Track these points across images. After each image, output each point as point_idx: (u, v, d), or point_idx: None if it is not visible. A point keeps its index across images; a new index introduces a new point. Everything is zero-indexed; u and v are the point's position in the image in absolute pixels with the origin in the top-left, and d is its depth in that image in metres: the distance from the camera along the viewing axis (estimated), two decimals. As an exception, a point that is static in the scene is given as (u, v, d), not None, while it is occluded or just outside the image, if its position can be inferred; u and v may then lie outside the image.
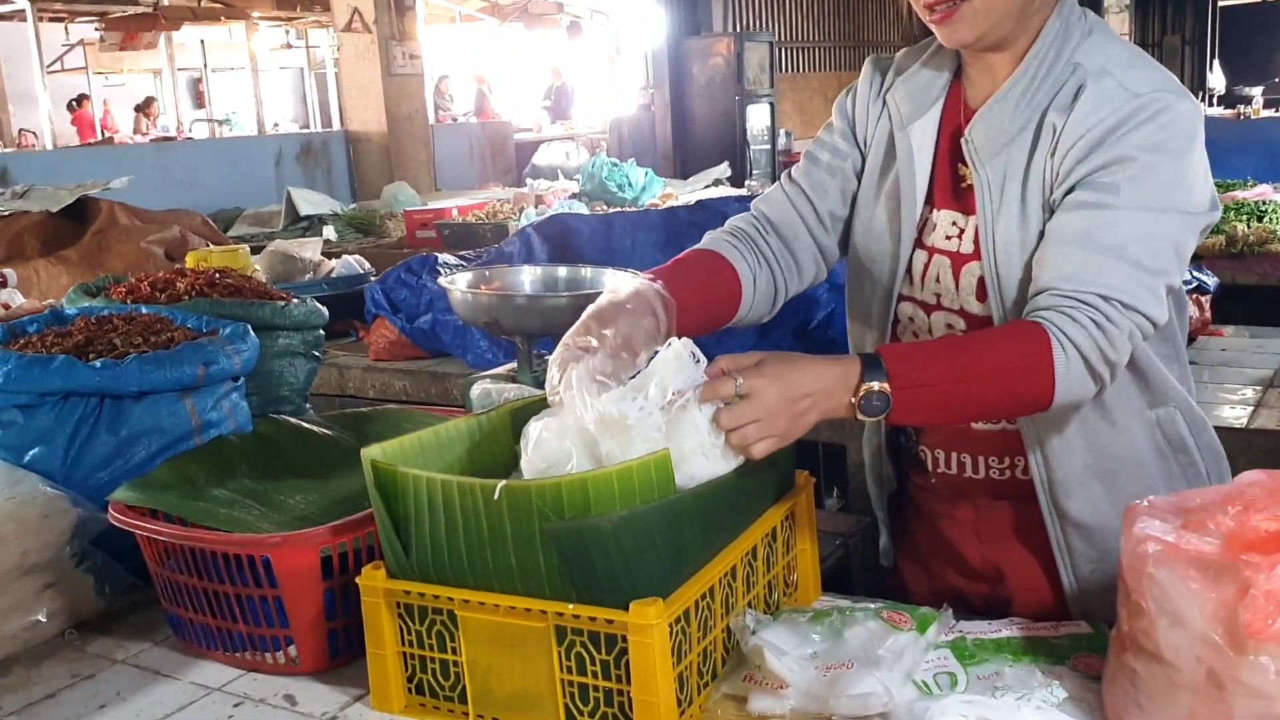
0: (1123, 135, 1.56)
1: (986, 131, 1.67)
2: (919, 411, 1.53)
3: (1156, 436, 1.72)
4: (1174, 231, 1.56)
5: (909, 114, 1.77)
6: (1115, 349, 1.51)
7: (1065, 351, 1.49)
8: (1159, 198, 1.55)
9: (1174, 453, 1.73)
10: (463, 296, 2.23)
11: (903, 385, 1.48)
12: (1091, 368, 1.50)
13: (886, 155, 1.81)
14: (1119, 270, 1.51)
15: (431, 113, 11.92)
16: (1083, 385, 1.52)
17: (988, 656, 1.48)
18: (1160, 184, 1.55)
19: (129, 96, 18.49)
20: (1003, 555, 1.82)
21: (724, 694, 1.46)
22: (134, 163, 8.61)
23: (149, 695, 1.62)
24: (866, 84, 1.87)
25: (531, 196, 7.18)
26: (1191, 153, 1.58)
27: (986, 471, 1.79)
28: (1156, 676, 1.25)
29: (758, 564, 1.58)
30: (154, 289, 2.48)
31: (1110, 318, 1.50)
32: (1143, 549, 1.26)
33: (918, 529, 1.95)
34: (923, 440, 1.86)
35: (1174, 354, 1.74)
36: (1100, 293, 1.50)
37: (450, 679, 1.48)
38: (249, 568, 1.61)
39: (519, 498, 1.35)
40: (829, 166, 1.88)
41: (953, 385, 1.51)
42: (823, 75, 16.52)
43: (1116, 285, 1.51)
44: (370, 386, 3.69)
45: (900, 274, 1.77)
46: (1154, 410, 1.71)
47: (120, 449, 1.96)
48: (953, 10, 1.62)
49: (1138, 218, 1.54)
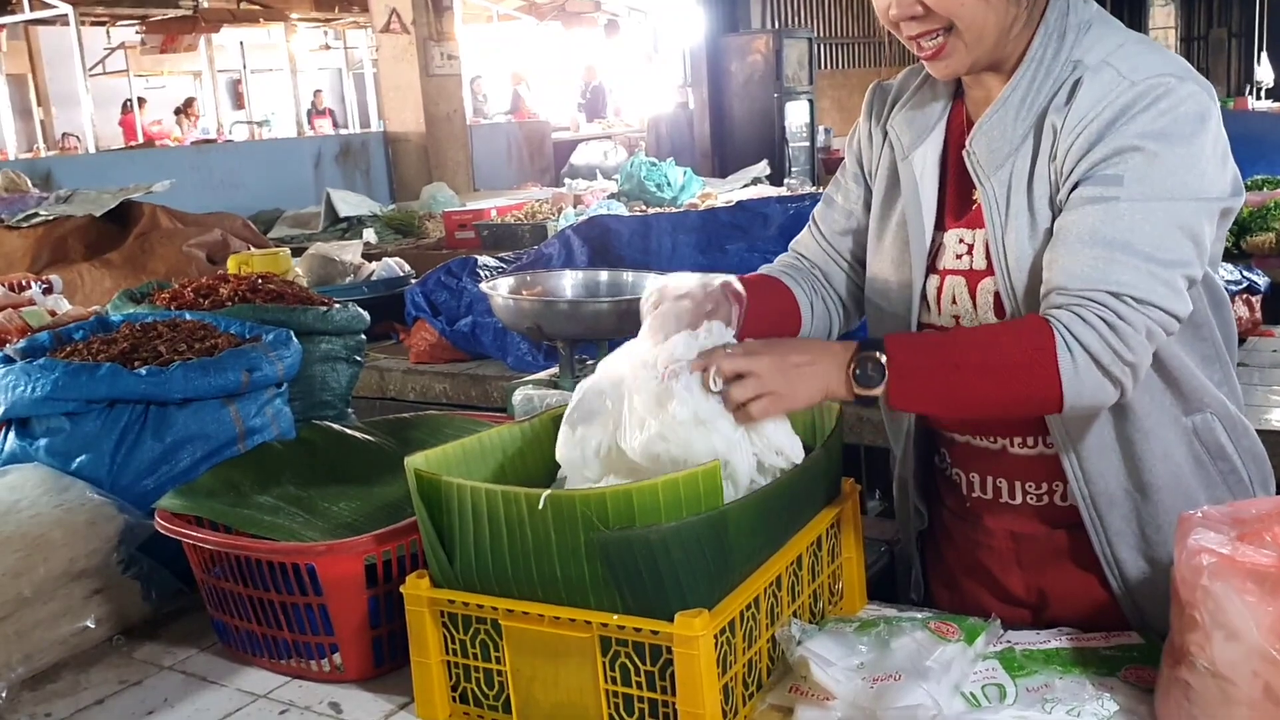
0: (1123, 125, 1.51)
1: (988, 143, 1.63)
2: (914, 393, 1.51)
3: (1194, 445, 1.66)
4: (1187, 219, 1.49)
5: (910, 142, 1.74)
6: (1130, 349, 1.45)
7: (1072, 352, 1.44)
8: (1166, 185, 1.49)
9: (1213, 460, 1.67)
10: (504, 302, 2.23)
11: (898, 362, 1.46)
12: (1105, 369, 1.45)
13: (890, 186, 1.79)
14: (1128, 265, 1.46)
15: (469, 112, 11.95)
16: (1098, 388, 1.46)
17: (1037, 668, 1.46)
18: (1166, 171, 1.49)
19: (169, 99, 18.64)
20: (1048, 581, 1.76)
21: (769, 705, 1.45)
22: (174, 165, 8.67)
23: (196, 702, 1.63)
24: (867, 115, 1.86)
25: (570, 196, 7.18)
26: (1201, 136, 1.52)
27: (1024, 497, 1.74)
28: (1211, 691, 1.23)
29: (803, 573, 1.57)
30: (197, 295, 2.50)
31: (1123, 315, 1.44)
32: (1197, 561, 1.24)
33: (951, 557, 1.90)
34: (956, 463, 1.82)
35: (1213, 354, 1.68)
36: (1110, 290, 1.45)
37: (494, 688, 1.48)
38: (294, 575, 1.62)
39: (564, 507, 1.35)
40: (844, 211, 1.89)
41: (949, 371, 1.49)
42: (862, 71, 16.46)
43: (1127, 281, 1.45)
44: (411, 389, 3.70)
45: (916, 303, 1.74)
46: (1189, 418, 1.65)
47: (165, 455, 1.97)
48: (941, 46, 1.61)
49: (1145, 208, 1.48)
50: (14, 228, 5.22)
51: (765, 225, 3.44)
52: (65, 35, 12.61)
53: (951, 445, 1.82)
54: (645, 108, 14.95)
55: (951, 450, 1.82)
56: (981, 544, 1.83)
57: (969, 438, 1.78)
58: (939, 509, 1.91)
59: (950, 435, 1.81)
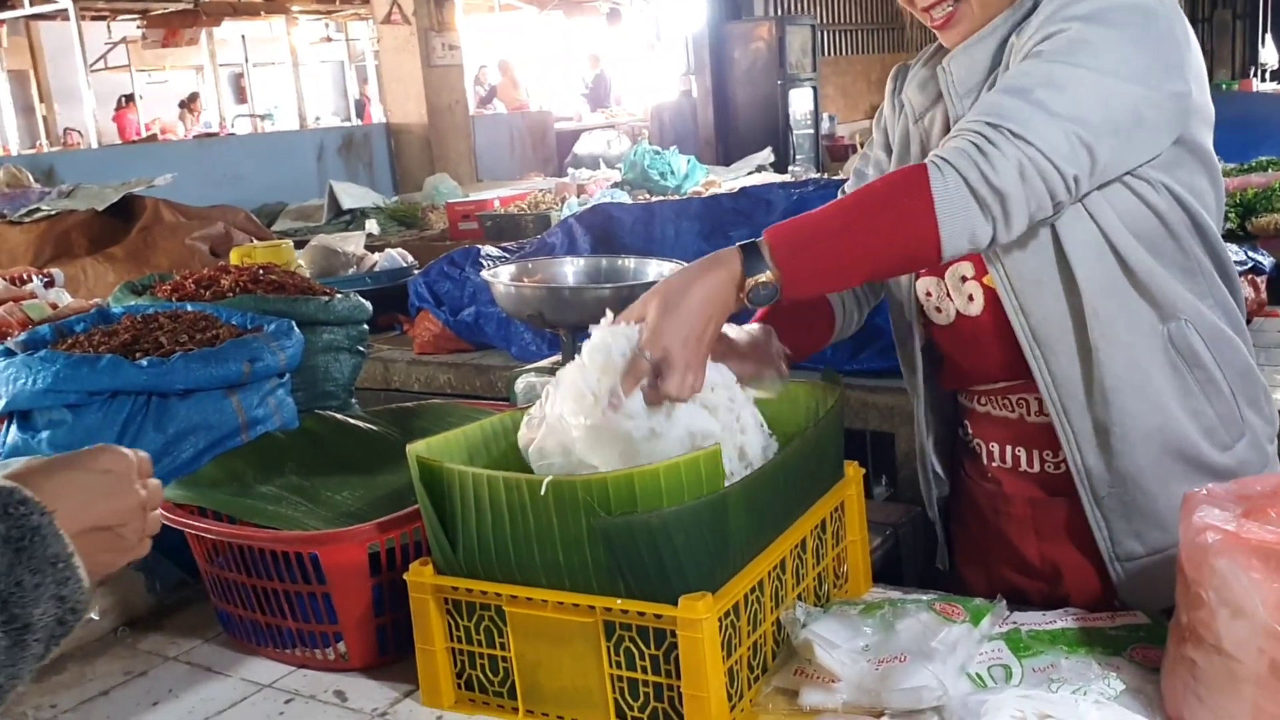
0: (1056, 13, 1.52)
1: (966, 64, 1.66)
2: (808, 282, 1.49)
3: (1170, 352, 1.64)
4: (1104, 92, 1.47)
5: (921, 105, 1.78)
6: (998, 173, 1.42)
7: (942, 172, 1.43)
8: (1083, 58, 1.48)
9: (1189, 368, 1.65)
10: (506, 289, 2.23)
11: (785, 260, 1.45)
12: (972, 189, 1.42)
13: (903, 150, 1.83)
14: (1014, 104, 1.45)
15: (472, 103, 11.94)
16: (966, 210, 1.43)
17: (1043, 648, 1.45)
18: (1088, 47, 1.48)
19: (172, 93, 18.63)
20: (1060, 553, 1.79)
21: (775, 688, 1.44)
22: (177, 159, 8.68)
23: (201, 692, 1.63)
24: (889, 90, 1.90)
25: (573, 186, 7.17)
26: (1139, 27, 1.50)
27: (1041, 465, 1.77)
28: (1217, 669, 1.22)
29: (807, 556, 1.57)
30: (198, 286, 2.49)
31: (992, 140, 1.43)
32: (1202, 539, 1.23)
33: (975, 526, 1.92)
34: (976, 433, 1.86)
35: (1195, 268, 1.65)
36: (989, 120, 1.45)
37: (499, 674, 1.47)
38: (297, 564, 1.62)
39: (566, 493, 1.34)
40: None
41: (833, 240, 1.48)
42: (866, 58, 16.40)
43: (1007, 114, 1.45)
44: (415, 380, 3.70)
45: None
46: (1165, 324, 1.63)
47: (168, 446, 1.97)
48: (952, 13, 1.65)
49: (1050, 68, 1.48)
50: (17, 223, 5.23)
51: (769, 212, 3.43)
52: (66, 30, 12.59)
53: (974, 416, 1.86)
54: (648, 96, 14.93)
55: (973, 421, 1.86)
56: (1001, 511, 1.85)
57: (989, 408, 1.81)
58: (961, 478, 1.94)
59: (971, 406, 1.85)
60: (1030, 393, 1.73)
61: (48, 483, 1.05)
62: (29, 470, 1.09)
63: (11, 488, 1.00)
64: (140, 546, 1.16)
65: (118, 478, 1.13)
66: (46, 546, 0.99)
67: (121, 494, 1.13)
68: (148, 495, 1.17)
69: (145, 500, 1.16)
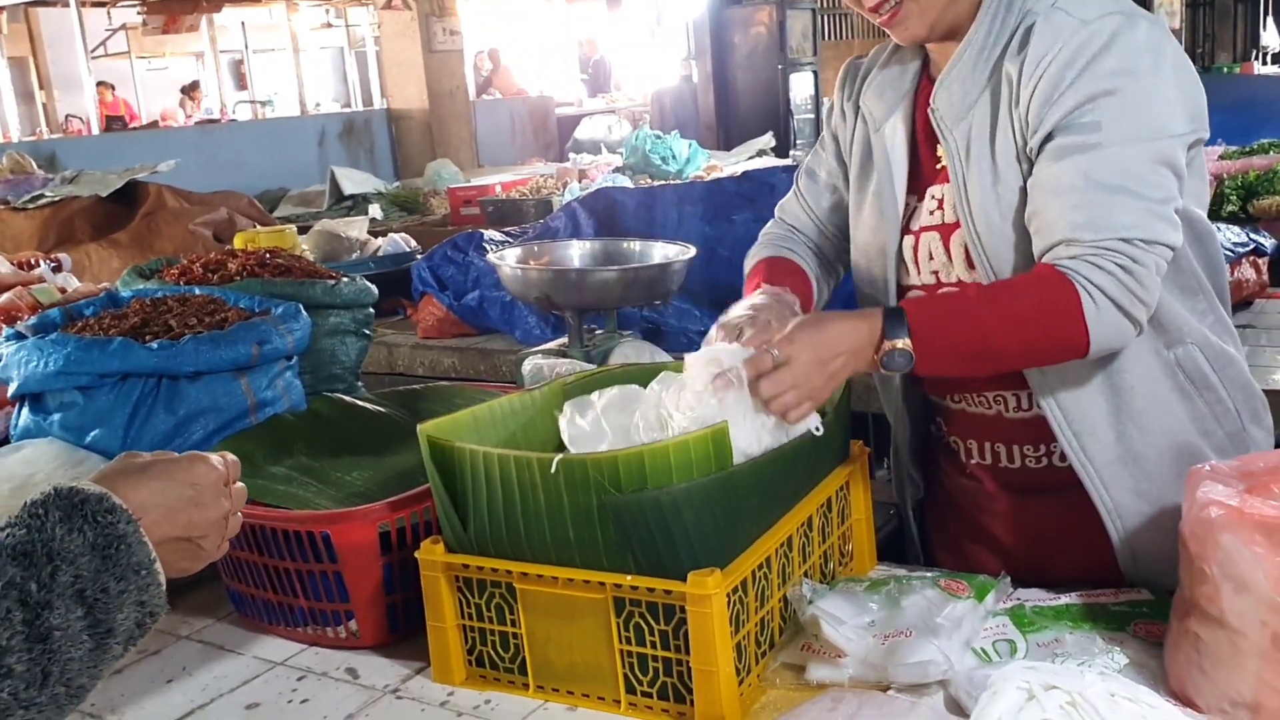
0: (1084, 69, 1.53)
1: (949, 97, 1.66)
2: (942, 365, 1.55)
3: (1178, 377, 1.66)
4: (1166, 154, 1.53)
5: (881, 115, 1.78)
6: (1145, 288, 1.49)
7: (1095, 300, 1.47)
8: (1143, 124, 1.52)
9: (1198, 391, 1.67)
10: (513, 272, 2.24)
11: (924, 339, 1.49)
12: (1125, 311, 1.49)
13: (864, 159, 1.83)
14: (1129, 207, 1.49)
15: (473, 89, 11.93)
16: (1119, 330, 1.51)
17: (1047, 624, 1.47)
18: (1139, 110, 1.52)
19: (172, 80, 18.60)
20: (1050, 543, 1.78)
21: (782, 663, 1.46)
22: (179, 146, 8.66)
23: (214, 670, 1.65)
24: (840, 91, 1.90)
25: (575, 171, 7.16)
26: (1161, 69, 1.55)
27: (1022, 460, 1.76)
28: (1221, 642, 1.24)
29: (813, 534, 1.58)
30: (206, 270, 2.50)
31: (1135, 258, 1.48)
32: (1206, 514, 1.25)
33: (954, 522, 1.92)
34: (953, 431, 1.84)
35: (1194, 285, 1.68)
36: (1120, 235, 1.48)
37: (510, 651, 1.49)
38: (309, 544, 1.63)
39: (576, 471, 1.36)
40: (826, 184, 1.95)
41: (977, 342, 1.52)
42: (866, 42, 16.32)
43: (1132, 224, 1.49)
44: (419, 364, 3.71)
45: (894, 265, 1.77)
46: (1171, 350, 1.66)
47: (178, 428, 1.98)
48: (897, 10, 1.65)
49: (1129, 149, 1.51)
50: (20, 209, 5.23)
51: (772, 195, 3.43)
52: (66, 17, 12.57)
53: (948, 414, 1.84)
54: (649, 81, 14.90)
55: (948, 419, 1.84)
56: (984, 508, 1.85)
57: (964, 405, 1.79)
58: (938, 475, 1.93)
59: (945, 404, 1.83)
60: (1009, 389, 1.72)
61: (137, 492, 1.08)
62: (120, 472, 1.12)
63: (101, 494, 1.03)
64: (218, 553, 1.19)
65: (204, 490, 1.15)
66: (131, 554, 1.02)
67: (206, 508, 1.15)
68: (232, 503, 1.20)
69: (229, 509, 1.19)
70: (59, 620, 0.95)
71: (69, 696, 0.96)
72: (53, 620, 0.94)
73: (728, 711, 1.35)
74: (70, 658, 0.96)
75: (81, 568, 0.98)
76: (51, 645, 0.94)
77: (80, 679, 0.97)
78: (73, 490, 1.02)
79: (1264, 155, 4.70)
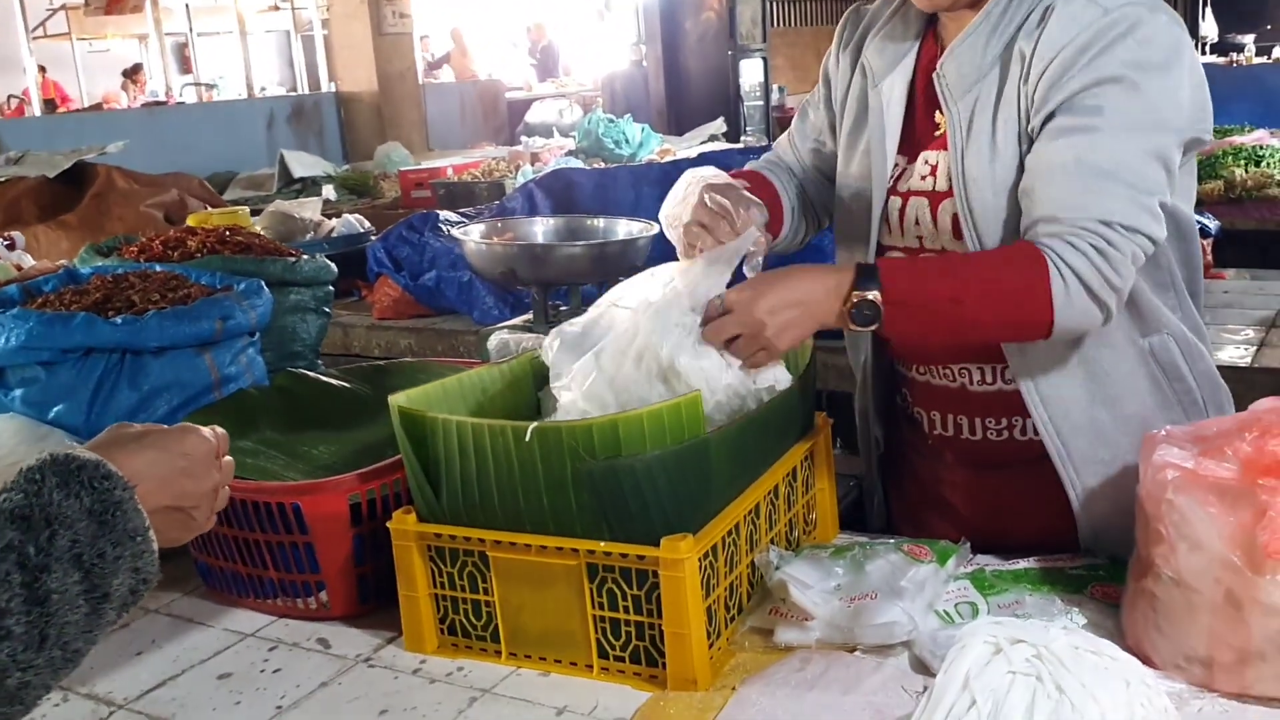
0: (1097, 55, 1.54)
1: (959, 67, 1.67)
2: (909, 328, 1.55)
3: (1151, 366, 1.70)
4: (1162, 149, 1.54)
5: (881, 70, 1.78)
6: (1119, 274, 1.50)
7: (1065, 279, 1.48)
8: (1145, 116, 1.53)
9: (1169, 381, 1.72)
10: (477, 247, 2.25)
11: (895, 299, 1.50)
12: (1095, 294, 1.50)
13: (859, 113, 1.83)
14: (1115, 194, 1.51)
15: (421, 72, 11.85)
16: (1086, 313, 1.51)
17: (1007, 586, 1.51)
18: (1144, 102, 1.53)
19: (114, 62, 18.32)
20: (1008, 515, 1.80)
21: (751, 627, 1.49)
22: (125, 128, 8.53)
23: (184, 642, 1.65)
24: (839, 40, 1.90)
25: (527, 154, 7.15)
26: (1176, 67, 1.56)
27: (984, 433, 1.79)
28: (1176, 600, 1.28)
29: (779, 502, 1.61)
30: (166, 247, 2.49)
31: (1112, 242, 1.49)
32: (1162, 476, 1.29)
33: (914, 490, 1.95)
34: (916, 402, 1.86)
35: (1167, 281, 1.72)
36: (1101, 218, 1.50)
37: (482, 619, 1.51)
38: (279, 515, 1.64)
39: (550, 439, 1.38)
40: (815, 129, 1.96)
41: (946, 305, 1.53)
42: (815, 29, 16.41)
43: (1115, 209, 1.50)
44: (375, 345, 3.70)
45: (877, 224, 1.78)
46: (1146, 339, 1.70)
47: (142, 404, 1.98)
48: None
49: (1126, 139, 1.53)
50: (-35, 190, 5.15)
51: (728, 176, 3.46)
52: (6, -4, 12.36)
53: (913, 385, 1.86)
54: (598, 66, 14.86)
55: (912, 390, 1.87)
56: (944, 479, 1.88)
57: (929, 377, 1.82)
58: (901, 445, 1.96)
59: (909, 375, 1.86)
60: (974, 362, 1.75)
61: (132, 461, 1.09)
62: (114, 441, 1.13)
63: (97, 461, 1.04)
64: (207, 524, 1.20)
65: (197, 462, 1.17)
66: (128, 520, 1.03)
67: (199, 478, 1.17)
68: (221, 475, 1.21)
69: (219, 481, 1.21)
70: (57, 584, 0.96)
71: (65, 660, 0.97)
72: (50, 584, 0.95)
73: (699, 674, 1.38)
74: (67, 621, 0.97)
75: (79, 532, 0.99)
76: (49, 608, 0.95)
77: (76, 643, 0.98)
78: (69, 457, 1.03)
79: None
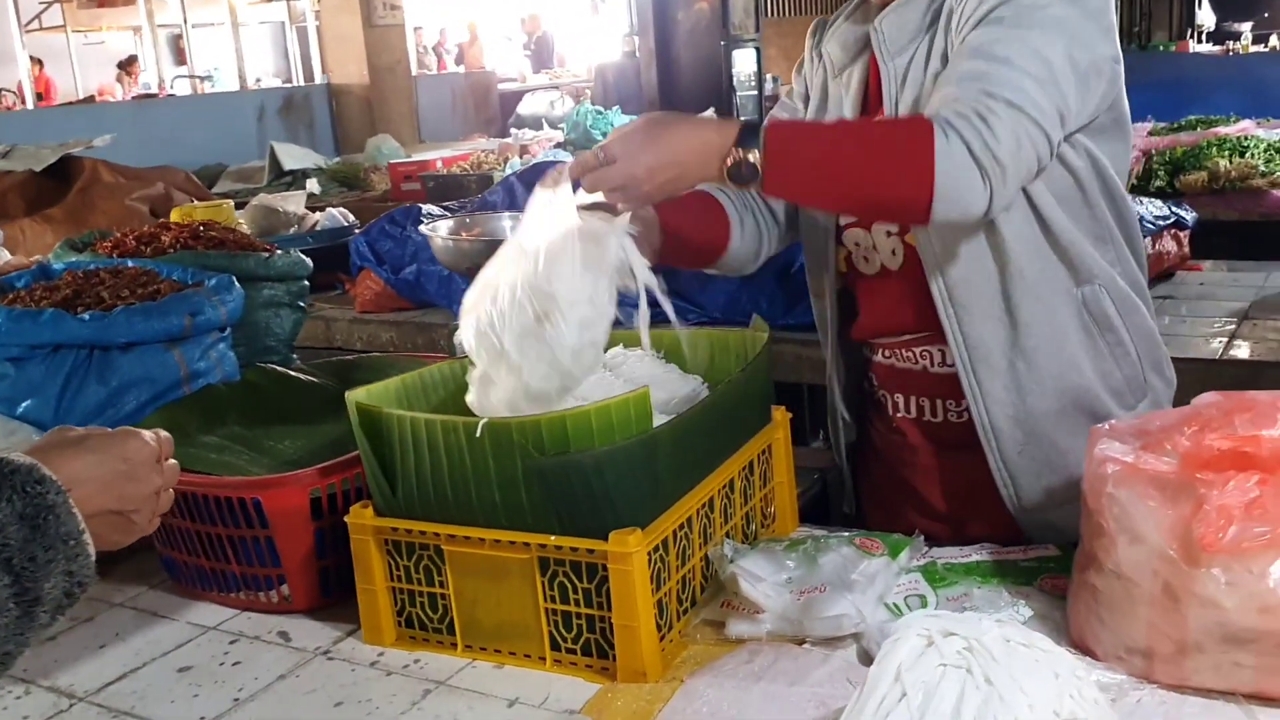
0: None
1: (898, 22, 1.71)
2: (790, 186, 1.54)
3: (1083, 315, 1.72)
4: (1072, 52, 1.54)
5: (840, 62, 1.84)
6: (999, 141, 1.45)
7: (946, 136, 1.45)
8: (1049, 23, 1.54)
9: (1101, 332, 1.73)
10: (444, 243, 2.26)
11: (775, 154, 1.48)
12: (975, 156, 1.45)
13: (821, 102, 1.88)
14: (1006, 74, 1.50)
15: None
16: (965, 176, 1.45)
17: (957, 579, 1.53)
18: (1049, 15, 1.54)
19: (109, 54, 18.30)
20: (966, 501, 1.85)
21: (703, 619, 1.51)
22: (116, 121, 8.56)
23: (147, 635, 1.67)
24: (810, 39, 1.95)
25: (516, 147, 7.17)
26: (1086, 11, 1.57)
27: (945, 414, 1.83)
28: (1116, 592, 1.30)
29: (735, 496, 1.63)
30: (139, 243, 2.51)
31: (993, 109, 1.47)
32: (1103, 470, 1.30)
33: (880, 474, 1.99)
34: (881, 384, 1.91)
35: (1106, 235, 1.73)
36: (985, 89, 1.49)
37: (439, 611, 1.53)
38: (240, 510, 1.65)
39: (501, 434, 1.39)
40: None
41: (825, 161, 1.51)
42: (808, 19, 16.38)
43: (1002, 83, 1.49)
44: (357, 338, 3.71)
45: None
46: (1080, 288, 1.71)
47: (111, 399, 1.99)
48: None
49: (1026, 35, 1.53)
50: (-48, 184, 5.15)
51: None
52: (-1, -10, 12.37)
53: (878, 368, 1.91)
54: (592, 57, 14.86)
55: (877, 373, 1.92)
56: (908, 463, 1.91)
57: (893, 360, 1.86)
58: (868, 429, 2.00)
59: (874, 358, 1.90)
60: (934, 344, 1.79)
61: (70, 465, 1.09)
62: (54, 445, 1.13)
63: (31, 465, 1.05)
64: (149, 526, 1.21)
65: (137, 465, 1.18)
66: (60, 524, 1.04)
67: (139, 482, 1.17)
68: (164, 479, 1.22)
69: (161, 484, 1.21)
70: None
71: None
72: None
73: (648, 666, 1.39)
74: None
75: (9, 536, 0.99)
76: None
77: (7, 645, 0.99)
78: (3, 461, 1.04)
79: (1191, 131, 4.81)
